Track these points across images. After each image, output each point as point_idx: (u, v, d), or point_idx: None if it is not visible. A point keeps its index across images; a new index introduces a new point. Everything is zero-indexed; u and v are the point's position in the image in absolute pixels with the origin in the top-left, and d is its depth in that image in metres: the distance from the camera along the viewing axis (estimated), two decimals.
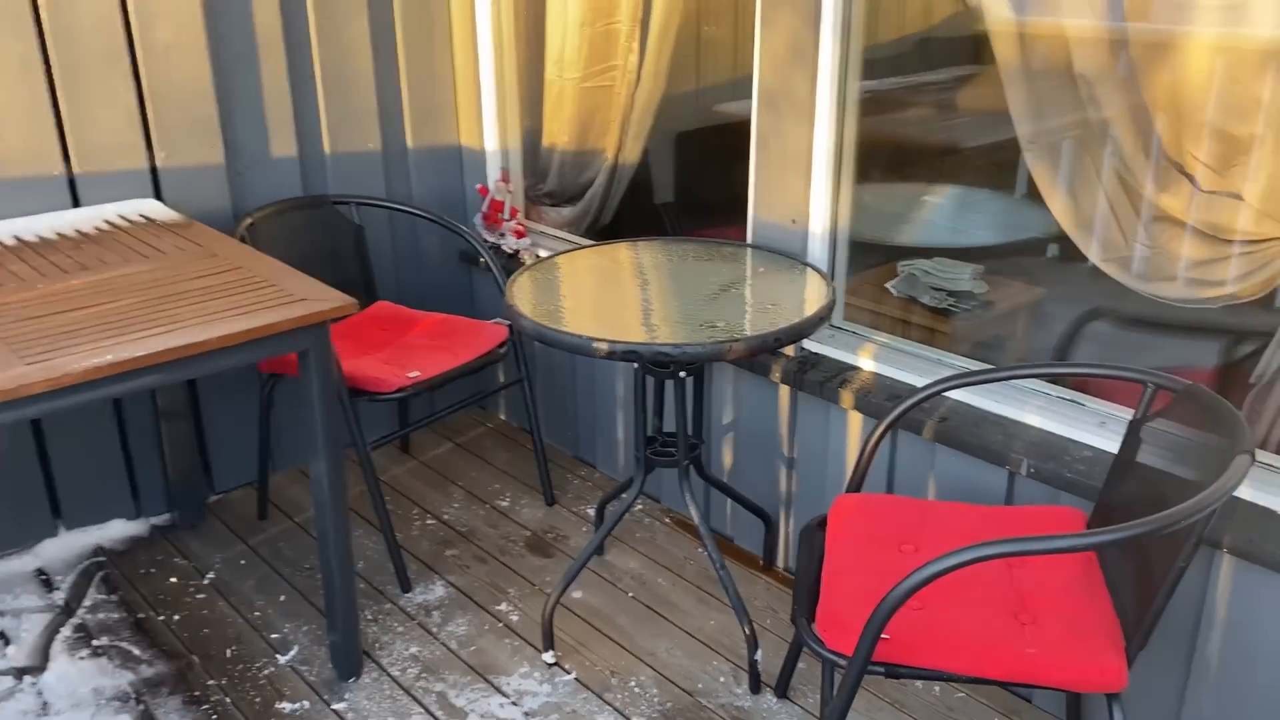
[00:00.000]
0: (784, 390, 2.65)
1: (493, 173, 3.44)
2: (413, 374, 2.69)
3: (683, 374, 2.30)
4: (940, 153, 3.30)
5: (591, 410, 3.26)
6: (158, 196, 2.86)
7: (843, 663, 1.73)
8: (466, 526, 3.05)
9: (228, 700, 2.38)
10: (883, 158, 2.86)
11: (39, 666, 2.48)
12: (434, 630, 2.62)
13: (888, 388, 2.45)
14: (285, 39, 2.97)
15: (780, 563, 2.84)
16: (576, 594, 2.73)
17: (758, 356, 2.55)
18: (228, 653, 2.54)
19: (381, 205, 3.18)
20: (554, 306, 2.28)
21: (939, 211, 3.29)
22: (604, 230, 3.49)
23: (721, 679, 2.45)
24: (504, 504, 3.16)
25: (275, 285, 2.24)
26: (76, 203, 2.74)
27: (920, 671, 1.74)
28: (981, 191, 3.22)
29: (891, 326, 3.09)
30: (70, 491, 2.93)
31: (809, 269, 2.49)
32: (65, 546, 2.92)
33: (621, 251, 2.66)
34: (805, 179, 2.51)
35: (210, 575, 2.83)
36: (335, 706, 2.37)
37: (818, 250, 2.55)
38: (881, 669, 1.73)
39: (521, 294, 2.34)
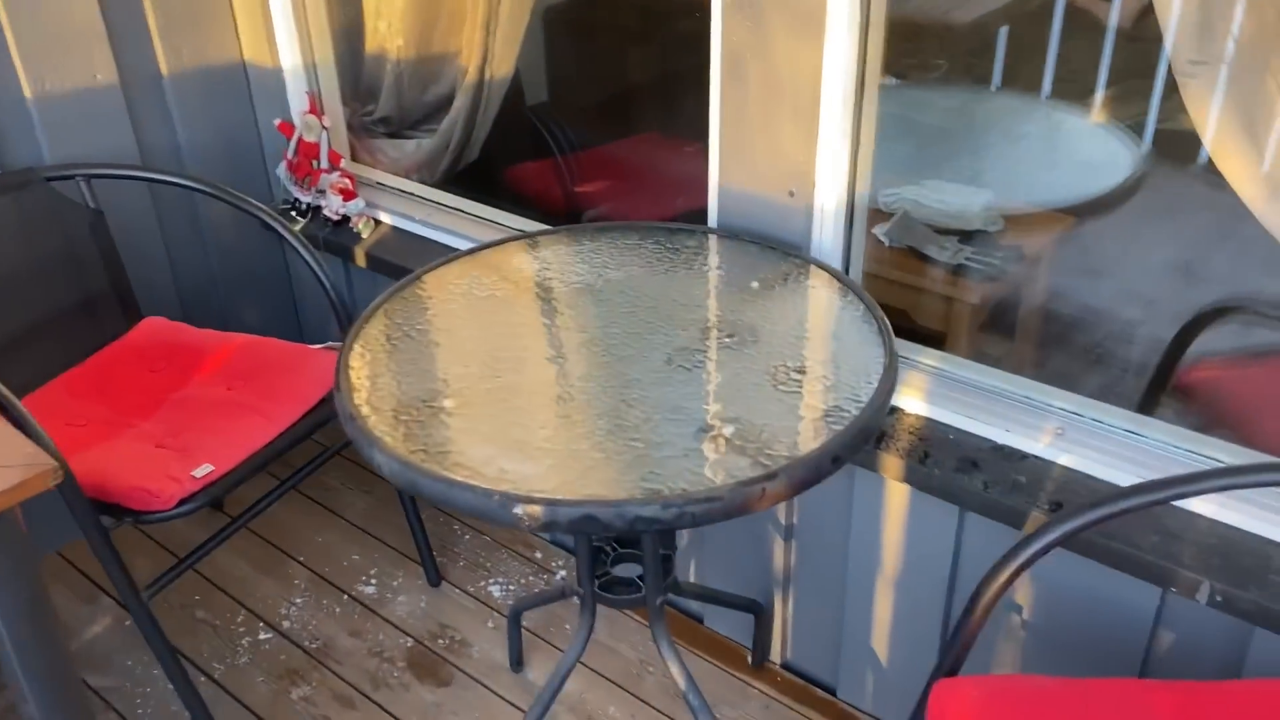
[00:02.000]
0: None
1: (297, 101, 2.34)
2: (201, 470, 1.69)
3: None
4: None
5: None
6: None
7: None
8: (319, 639, 2.11)
9: None
10: None
11: None
12: None
13: (956, 447, 1.59)
14: None
15: (776, 657, 2.02)
16: None
17: None
18: None
19: (123, 175, 2.07)
20: (427, 410, 1.31)
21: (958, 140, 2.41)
22: (470, 172, 2.48)
23: None
24: (369, 590, 2.22)
25: None
26: None
27: None
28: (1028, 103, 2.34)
29: (894, 297, 2.22)
30: None
31: (823, 273, 1.57)
32: None
33: (518, 259, 1.67)
34: (810, 127, 1.56)
35: None
36: None
37: (829, 237, 1.63)
38: None
39: (364, 386, 1.35)
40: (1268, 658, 1.38)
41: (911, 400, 1.66)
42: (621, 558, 1.65)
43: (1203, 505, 1.44)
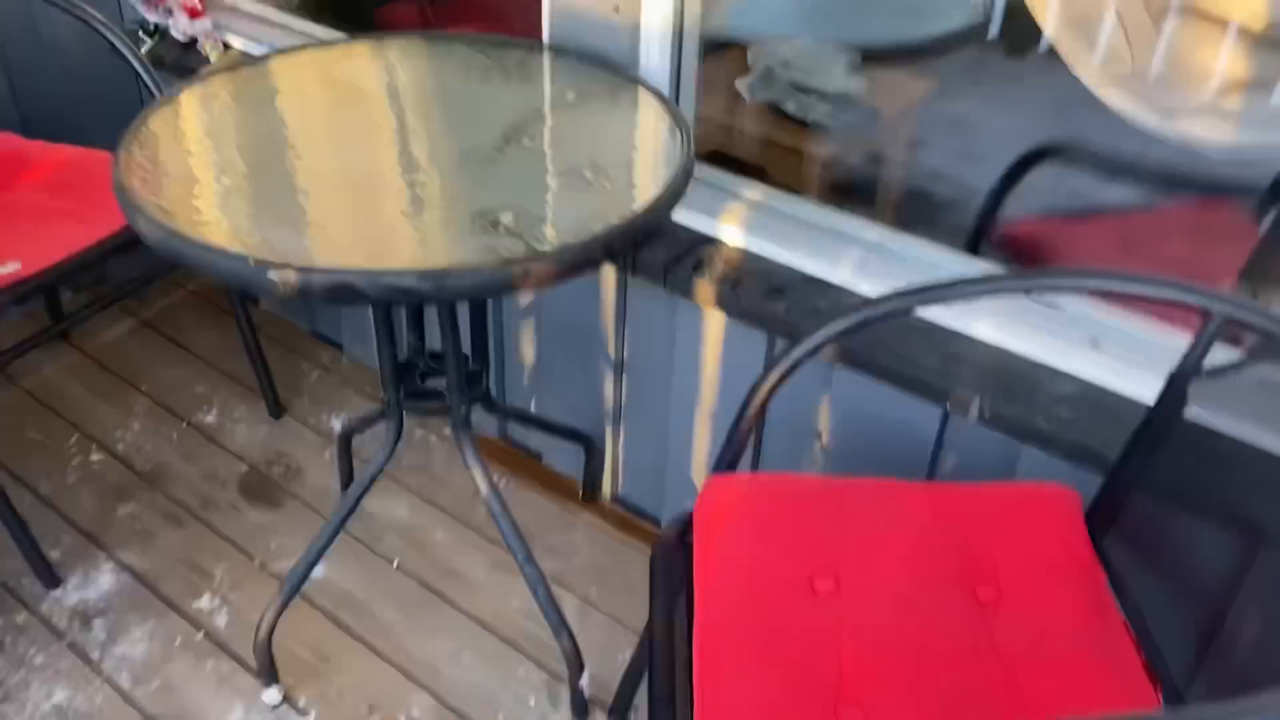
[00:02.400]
0: (608, 272, 1.78)
1: None
2: (7, 269, 1.66)
3: None
4: None
5: None
6: None
7: None
8: (153, 462, 2.11)
9: None
10: None
11: None
12: (95, 655, 1.73)
13: (767, 276, 1.62)
14: None
15: (607, 490, 2.07)
16: (317, 571, 1.89)
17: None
18: None
19: None
20: (203, 186, 1.29)
21: None
22: (335, 7, 2.40)
23: (532, 701, 1.70)
24: (209, 419, 2.21)
25: None
26: None
27: None
28: None
29: (747, 149, 2.24)
30: None
31: (644, 91, 1.56)
32: None
33: (338, 58, 1.64)
34: None
35: None
36: None
37: (655, 56, 1.62)
38: None
39: (145, 161, 1.32)
40: (1033, 474, 1.44)
41: (730, 230, 1.68)
42: (431, 369, 1.66)
43: (982, 329, 1.48)
